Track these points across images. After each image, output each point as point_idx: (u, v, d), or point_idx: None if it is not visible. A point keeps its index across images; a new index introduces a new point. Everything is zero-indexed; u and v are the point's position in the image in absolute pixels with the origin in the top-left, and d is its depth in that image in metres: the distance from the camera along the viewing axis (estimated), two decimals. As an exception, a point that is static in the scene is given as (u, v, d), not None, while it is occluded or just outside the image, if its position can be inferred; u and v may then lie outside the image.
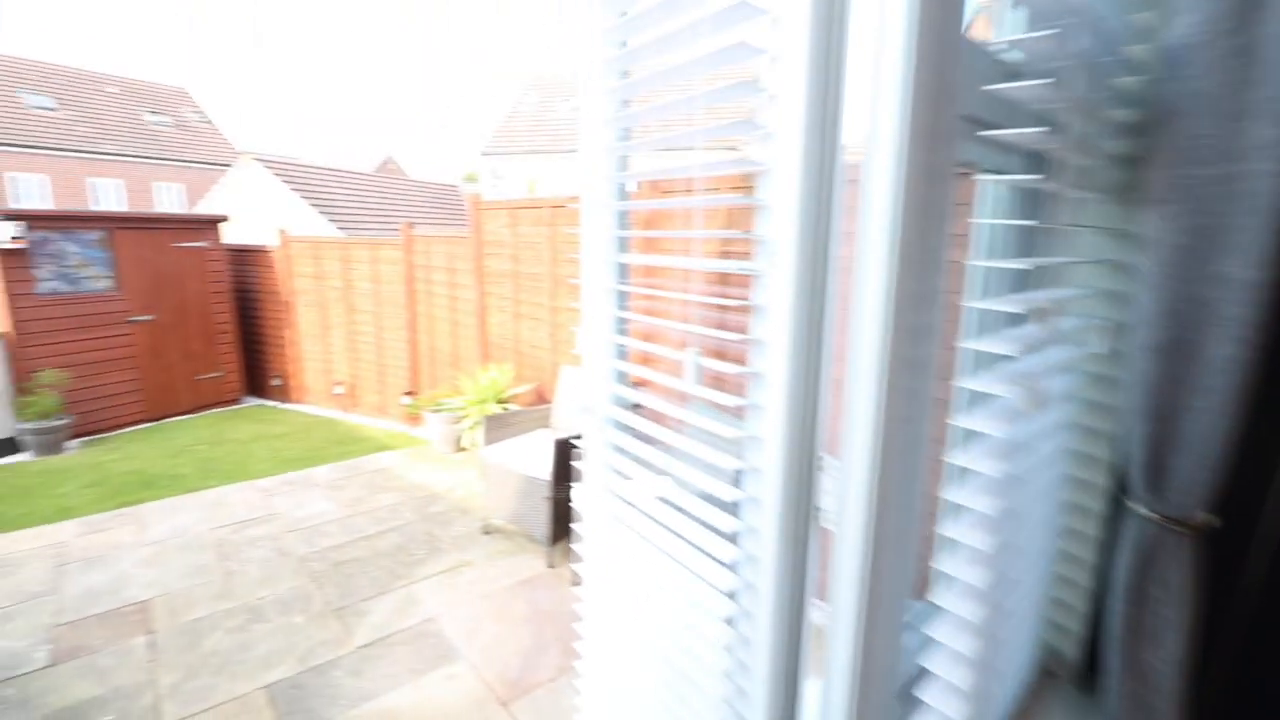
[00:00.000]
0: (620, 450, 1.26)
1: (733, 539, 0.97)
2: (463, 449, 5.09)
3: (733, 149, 1.30)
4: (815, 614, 0.95)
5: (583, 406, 1.34)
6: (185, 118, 25.93)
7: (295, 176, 15.35)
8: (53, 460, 5.44)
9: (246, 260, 7.28)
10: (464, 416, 4.81)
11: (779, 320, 0.86)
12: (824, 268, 0.86)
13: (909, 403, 0.80)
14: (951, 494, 0.83)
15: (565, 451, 3.12)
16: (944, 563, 0.85)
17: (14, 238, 5.28)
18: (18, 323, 5.48)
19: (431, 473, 4.73)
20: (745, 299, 0.93)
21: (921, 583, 1.22)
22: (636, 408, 1.25)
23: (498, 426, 3.69)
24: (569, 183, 21.56)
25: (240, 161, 16.06)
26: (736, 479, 0.96)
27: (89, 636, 2.77)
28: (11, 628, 2.83)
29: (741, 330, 0.96)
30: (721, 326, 1.00)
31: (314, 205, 14.55)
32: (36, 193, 20.03)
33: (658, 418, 1.16)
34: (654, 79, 1.06)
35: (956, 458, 0.82)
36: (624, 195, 1.27)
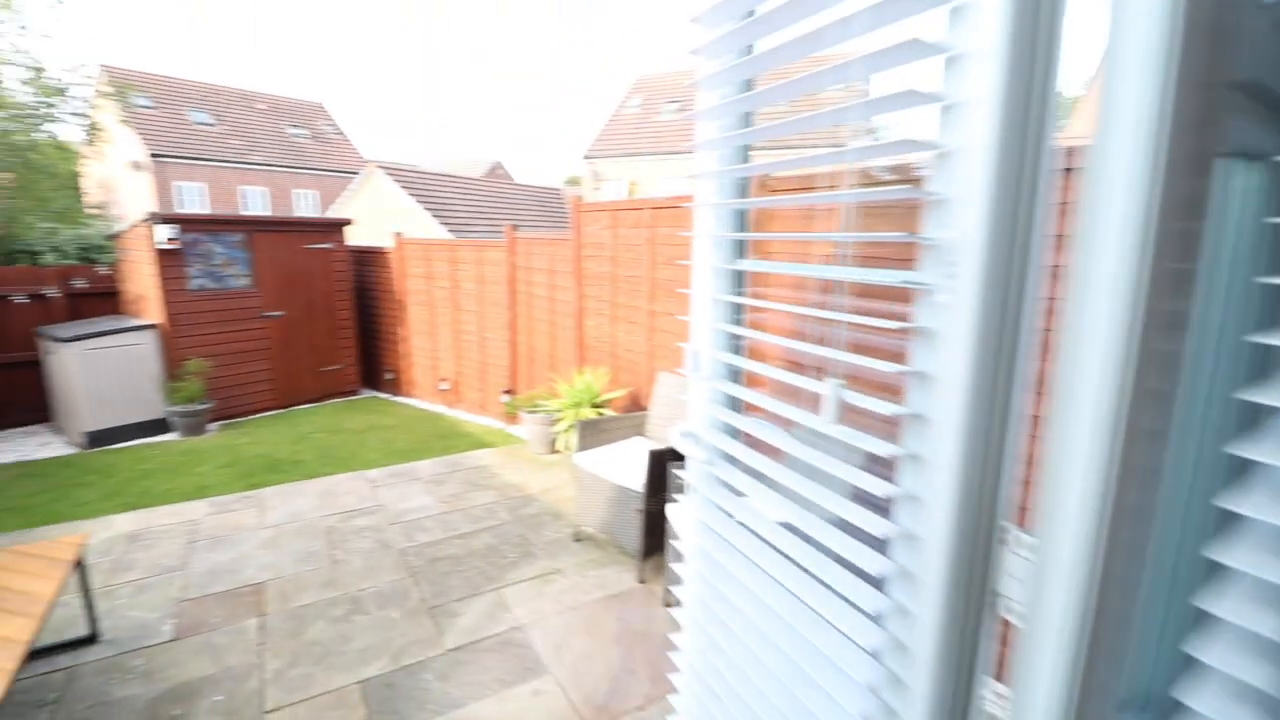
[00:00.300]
0: (728, 488, 1.09)
1: (876, 619, 0.78)
2: (557, 451, 5.09)
3: (835, 144, 1.10)
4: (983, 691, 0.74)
5: (684, 432, 1.18)
6: (321, 130, 28.35)
7: (412, 182, 16.30)
8: (195, 441, 5.99)
9: (366, 261, 7.73)
10: (559, 419, 4.80)
11: (956, 346, 0.66)
12: (1022, 280, 0.65)
13: (1150, 458, 0.58)
14: (1211, 603, 0.60)
15: (660, 464, 2.97)
16: (1193, 696, 0.62)
17: (170, 239, 5.86)
18: (171, 315, 6.08)
19: (526, 473, 4.75)
20: (904, 318, 0.73)
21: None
22: (748, 438, 1.08)
23: (592, 432, 3.61)
24: (670, 185, 21.54)
25: (366, 169, 17.30)
26: (883, 545, 0.76)
27: (209, 614, 2.95)
28: (146, 599, 3.06)
29: (895, 358, 0.76)
30: (865, 351, 0.81)
31: (428, 209, 15.38)
32: (197, 199, 22.64)
33: (775, 454, 0.97)
34: (786, 50, 0.88)
35: (1224, 553, 0.59)
36: (743, 192, 1.10)
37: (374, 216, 15.28)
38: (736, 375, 1.12)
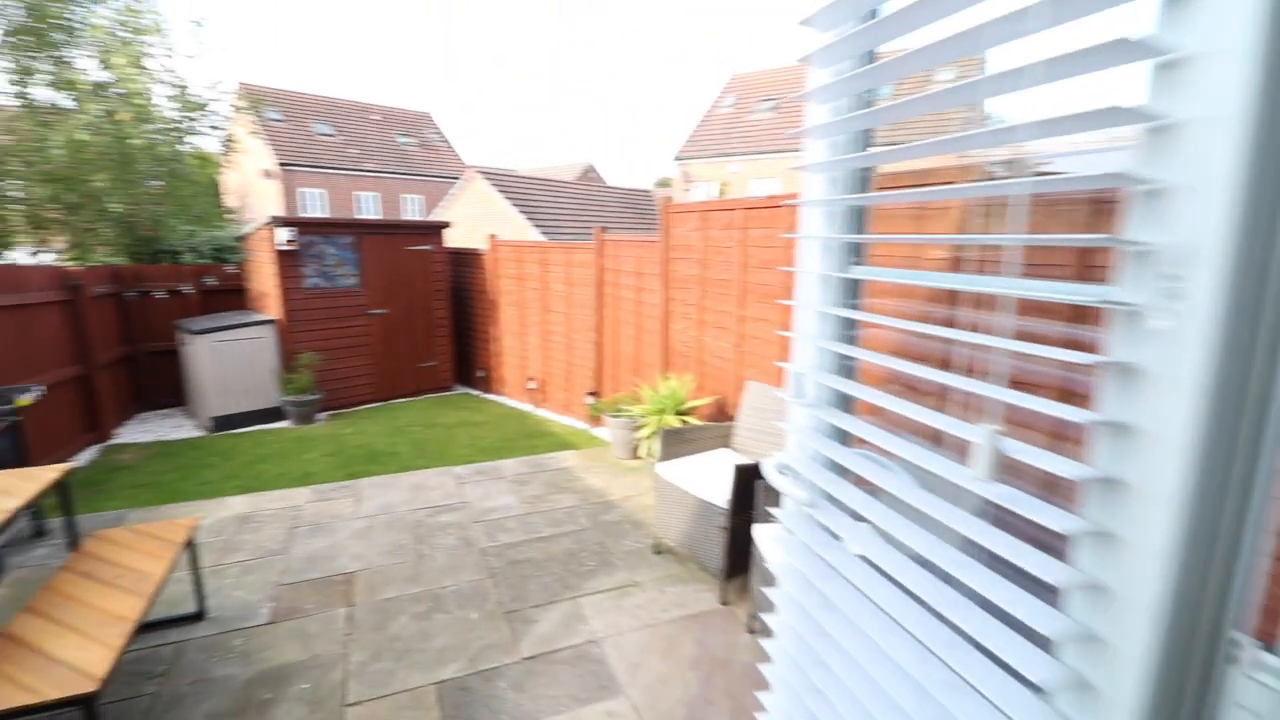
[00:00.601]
0: (832, 536, 0.93)
1: (1037, 739, 0.60)
2: (639, 457, 5.01)
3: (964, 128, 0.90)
4: None
5: (780, 465, 1.02)
6: (428, 138, 29.99)
7: (508, 186, 16.85)
8: (305, 429, 6.39)
9: (462, 262, 8.00)
10: (642, 425, 4.71)
11: (1178, 388, 0.48)
12: (1284, 301, 0.46)
13: None
14: None
15: (746, 480, 2.80)
16: None
17: (288, 240, 6.29)
18: (288, 311, 6.53)
19: (608, 478, 4.70)
20: (1088, 347, 0.55)
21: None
22: (859, 479, 0.91)
23: (675, 442, 3.49)
24: (762, 186, 21.09)
25: (466, 174, 18.06)
26: (1048, 642, 0.59)
27: (304, 600, 3.07)
28: (250, 580, 3.24)
29: (1066, 396, 0.58)
30: (1024, 387, 0.63)
31: (522, 212, 15.83)
32: (317, 204, 24.56)
33: (894, 501, 0.81)
34: (924, 9, 0.71)
35: None
36: (861, 186, 0.93)
37: (472, 219, 15.91)
38: (846, 403, 0.96)
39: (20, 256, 8.13)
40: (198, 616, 2.87)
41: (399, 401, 7.56)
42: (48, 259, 8.23)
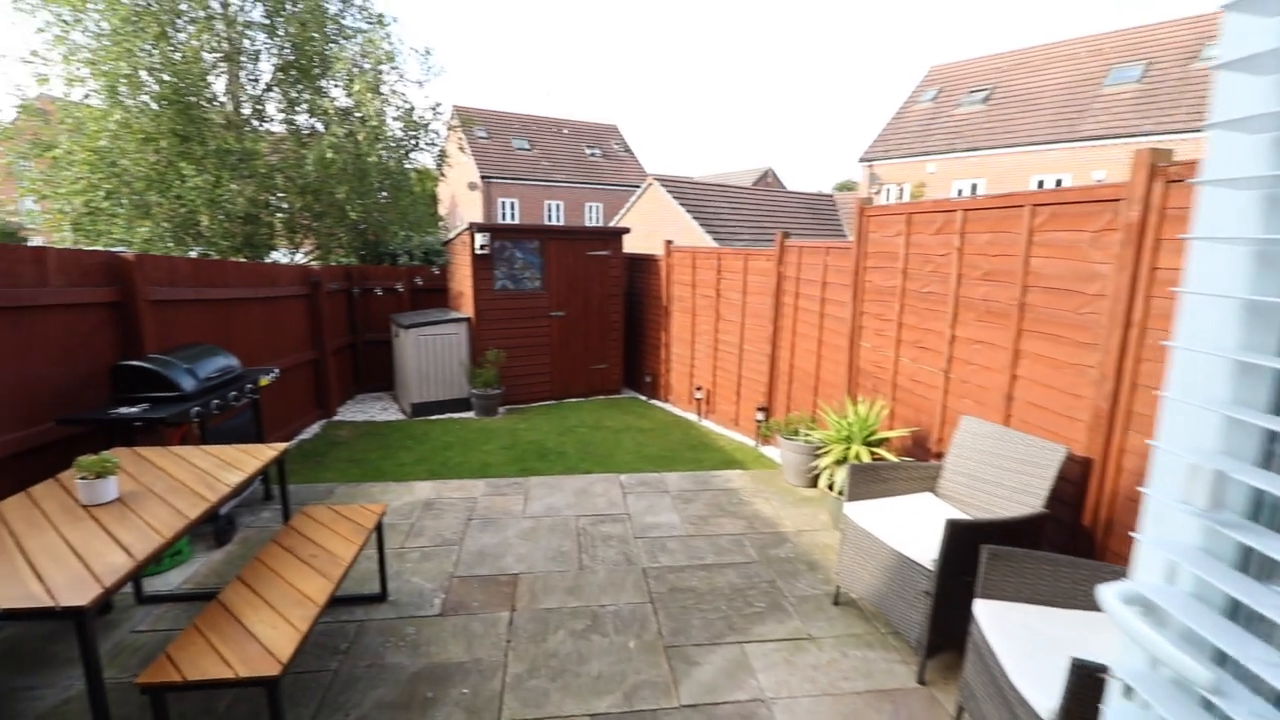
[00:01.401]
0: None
1: None
2: (816, 486, 4.55)
3: None
4: None
5: (1126, 594, 0.64)
6: (612, 149, 31.39)
7: (685, 193, 16.92)
8: (487, 420, 6.78)
9: (637, 267, 8.05)
10: (824, 452, 4.25)
11: None
12: None
13: None
14: None
15: (963, 540, 2.29)
16: None
17: (482, 246, 6.72)
18: (479, 311, 6.99)
19: (778, 505, 4.31)
20: None
21: None
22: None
23: (866, 479, 3.02)
24: (965, 187, 19.01)
25: (645, 182, 18.49)
26: None
27: (471, 596, 3.11)
28: (426, 568, 3.37)
29: None
30: None
31: (697, 218, 15.79)
32: (510, 212, 26.80)
33: None
34: None
35: None
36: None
37: (649, 226, 16.22)
38: (1255, 509, 0.56)
39: (280, 258, 9.71)
40: (381, 598, 3.02)
41: (570, 401, 7.77)
42: (298, 260, 9.74)
